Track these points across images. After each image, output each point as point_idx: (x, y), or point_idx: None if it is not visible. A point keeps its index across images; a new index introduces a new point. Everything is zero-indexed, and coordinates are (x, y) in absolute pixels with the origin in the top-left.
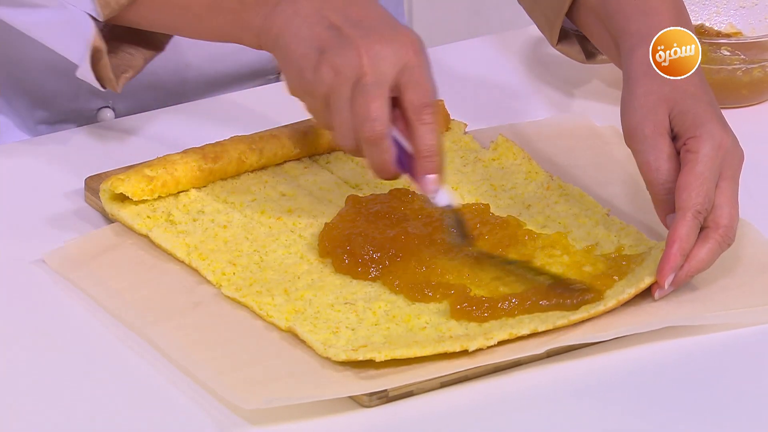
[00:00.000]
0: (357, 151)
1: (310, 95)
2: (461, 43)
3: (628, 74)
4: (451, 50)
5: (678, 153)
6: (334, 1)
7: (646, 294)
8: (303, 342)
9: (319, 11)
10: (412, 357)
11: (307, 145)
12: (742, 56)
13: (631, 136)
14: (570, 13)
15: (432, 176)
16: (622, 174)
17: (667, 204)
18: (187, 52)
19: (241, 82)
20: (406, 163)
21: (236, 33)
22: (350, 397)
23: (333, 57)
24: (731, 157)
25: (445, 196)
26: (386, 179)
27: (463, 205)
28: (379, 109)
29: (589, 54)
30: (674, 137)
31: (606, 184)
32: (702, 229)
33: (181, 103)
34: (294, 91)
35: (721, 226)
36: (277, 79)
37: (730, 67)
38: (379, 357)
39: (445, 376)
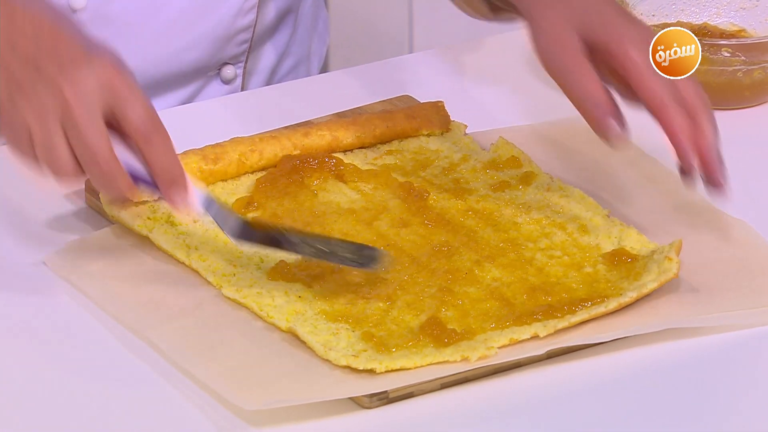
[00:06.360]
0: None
1: (13, 139)
2: (461, 44)
3: (529, 12)
4: (452, 52)
5: (601, 63)
6: (22, 29)
7: (647, 296)
8: (303, 343)
9: (8, 43)
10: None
11: (307, 146)
12: (743, 58)
13: (552, 71)
14: None
15: (181, 197)
16: (622, 175)
17: (607, 125)
18: (132, 57)
19: (184, 82)
20: (146, 178)
21: None
22: (351, 399)
23: (31, 98)
24: (650, 39)
25: (199, 198)
26: (129, 203)
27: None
28: (98, 141)
29: (494, 8)
30: (592, 49)
31: (606, 186)
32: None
33: None
34: None
35: (689, 96)
36: (217, 75)
37: (730, 69)
38: (380, 368)
39: (446, 377)
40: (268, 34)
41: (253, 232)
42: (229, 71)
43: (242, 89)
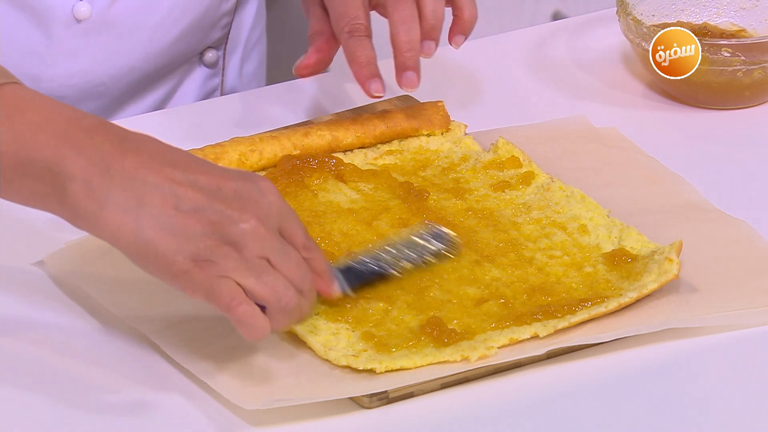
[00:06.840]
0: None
1: (204, 289)
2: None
3: None
4: (452, 51)
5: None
6: (173, 174)
7: (647, 296)
8: (303, 343)
9: (168, 195)
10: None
11: (307, 146)
12: (743, 58)
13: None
14: None
15: (336, 290)
16: (622, 175)
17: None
18: (130, 57)
19: (171, 72)
20: None
21: (51, 208)
22: (350, 398)
23: (224, 243)
24: None
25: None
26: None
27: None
28: (299, 258)
29: None
30: None
31: (606, 186)
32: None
33: (124, 108)
34: (188, 288)
35: None
36: (201, 60)
37: (730, 69)
38: (380, 368)
39: (446, 377)
40: (240, 11)
41: (356, 274)
42: (211, 55)
43: (223, 70)
